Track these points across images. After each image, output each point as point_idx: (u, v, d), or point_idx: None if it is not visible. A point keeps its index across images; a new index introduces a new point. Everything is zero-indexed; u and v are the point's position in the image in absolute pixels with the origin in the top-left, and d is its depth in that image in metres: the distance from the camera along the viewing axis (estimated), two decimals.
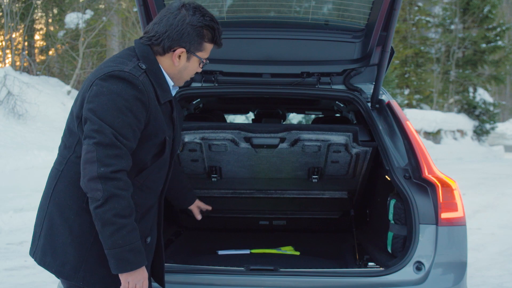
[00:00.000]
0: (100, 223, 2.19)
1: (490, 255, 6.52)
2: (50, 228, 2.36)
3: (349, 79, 3.78)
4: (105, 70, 2.30)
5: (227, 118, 7.38)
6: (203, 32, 2.40)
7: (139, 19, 3.43)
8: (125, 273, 2.24)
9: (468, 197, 10.16)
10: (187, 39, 2.38)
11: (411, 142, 3.27)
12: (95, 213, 2.19)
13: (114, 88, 2.24)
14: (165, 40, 2.38)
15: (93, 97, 2.25)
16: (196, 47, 2.42)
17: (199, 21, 2.38)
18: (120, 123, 2.21)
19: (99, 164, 2.16)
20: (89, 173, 2.17)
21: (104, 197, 2.16)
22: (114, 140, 2.19)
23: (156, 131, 2.38)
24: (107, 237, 2.19)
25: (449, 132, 26.56)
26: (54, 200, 2.38)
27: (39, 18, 20.46)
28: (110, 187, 2.16)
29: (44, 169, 10.38)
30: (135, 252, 2.23)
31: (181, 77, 2.51)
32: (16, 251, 6.28)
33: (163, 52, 2.41)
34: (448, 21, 28.86)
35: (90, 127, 2.21)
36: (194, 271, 2.92)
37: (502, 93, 44.03)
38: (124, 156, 2.22)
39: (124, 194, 2.20)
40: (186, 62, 2.45)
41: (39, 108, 13.93)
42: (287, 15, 3.65)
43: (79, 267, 2.31)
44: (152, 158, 2.43)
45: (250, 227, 4.49)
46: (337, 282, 2.86)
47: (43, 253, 2.37)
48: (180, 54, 2.41)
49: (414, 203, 2.93)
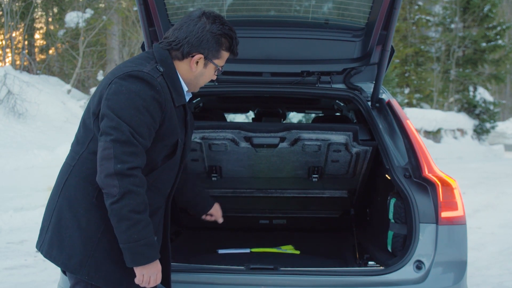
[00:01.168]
0: (116, 219, 2.25)
1: (490, 254, 6.52)
2: (58, 222, 2.39)
3: (349, 78, 3.78)
4: (125, 69, 2.37)
5: (227, 117, 7.38)
6: (222, 40, 2.49)
7: (139, 18, 3.43)
8: (140, 267, 2.30)
9: (468, 196, 10.16)
10: (206, 46, 2.46)
11: (411, 141, 3.27)
12: (111, 208, 2.24)
13: (133, 88, 2.31)
14: (184, 45, 2.46)
15: (112, 95, 2.31)
16: (214, 54, 2.50)
17: (218, 29, 2.46)
18: (137, 122, 2.28)
19: (116, 161, 2.22)
20: (106, 170, 2.23)
21: (120, 193, 2.22)
22: (131, 137, 2.26)
23: (170, 133, 2.44)
24: (123, 232, 2.25)
25: (449, 131, 26.56)
26: (64, 194, 2.41)
27: (39, 17, 20.48)
28: (126, 183, 2.22)
29: (44, 168, 10.41)
30: (149, 246, 2.29)
31: (196, 83, 2.58)
32: (16, 250, 6.29)
33: (181, 57, 2.48)
34: (448, 20, 28.85)
35: (108, 124, 2.27)
36: (195, 270, 2.92)
37: (502, 92, 44.03)
38: (139, 153, 2.29)
39: (140, 191, 2.26)
40: (203, 68, 2.52)
41: (39, 107, 13.94)
42: (287, 14, 3.65)
43: (85, 262, 2.34)
44: (162, 159, 2.48)
45: (250, 226, 4.49)
46: (337, 281, 2.86)
47: (50, 246, 2.40)
48: (198, 60, 2.49)
49: (414, 202, 2.94)
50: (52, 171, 8.11)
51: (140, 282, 2.33)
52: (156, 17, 3.45)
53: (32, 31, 19.64)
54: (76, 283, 2.43)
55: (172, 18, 3.55)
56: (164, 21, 3.51)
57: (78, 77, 17.82)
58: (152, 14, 3.42)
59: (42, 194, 8.57)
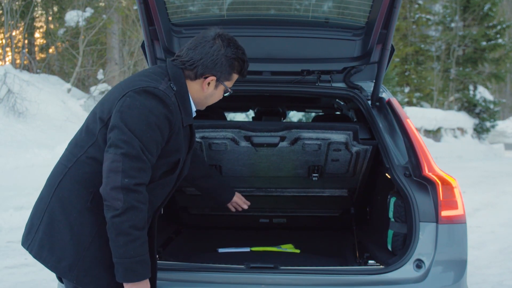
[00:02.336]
0: (115, 232, 2.24)
1: (490, 253, 6.52)
2: (50, 223, 2.38)
3: (349, 77, 3.78)
4: (140, 83, 2.38)
5: (227, 116, 7.38)
6: (235, 64, 2.54)
7: (139, 17, 3.43)
8: (130, 283, 2.29)
9: (468, 195, 10.16)
10: (219, 69, 2.51)
11: (411, 140, 3.26)
12: (112, 221, 2.24)
13: (148, 104, 2.32)
14: (199, 67, 2.49)
15: (126, 107, 2.31)
16: (226, 76, 2.55)
17: (233, 53, 2.51)
18: (148, 138, 2.29)
19: (124, 175, 2.23)
20: (113, 182, 2.23)
21: (123, 208, 2.22)
22: (141, 153, 2.27)
23: (174, 151, 2.46)
24: (120, 247, 2.25)
25: (449, 130, 26.56)
26: (58, 195, 2.40)
27: (39, 16, 20.47)
28: (131, 198, 2.23)
29: (44, 167, 10.38)
30: (143, 264, 2.29)
31: (205, 103, 2.63)
32: (16, 249, 6.29)
33: (194, 78, 2.52)
34: (448, 19, 28.84)
35: (119, 136, 2.27)
36: (195, 269, 2.92)
37: (502, 91, 44.01)
38: (147, 170, 2.30)
39: (142, 207, 2.27)
40: (213, 89, 2.57)
41: (39, 106, 13.92)
42: (287, 13, 3.65)
43: (74, 266, 2.33)
44: (160, 175, 2.48)
45: (251, 225, 4.50)
46: (337, 280, 2.86)
47: (40, 247, 2.38)
48: (210, 81, 2.53)
49: (414, 201, 2.93)
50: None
51: None
52: (156, 16, 3.44)
53: (32, 30, 19.63)
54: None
55: (172, 17, 3.55)
56: (164, 20, 3.51)
57: (78, 76, 17.81)
58: (152, 13, 3.42)
59: None
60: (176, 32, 3.62)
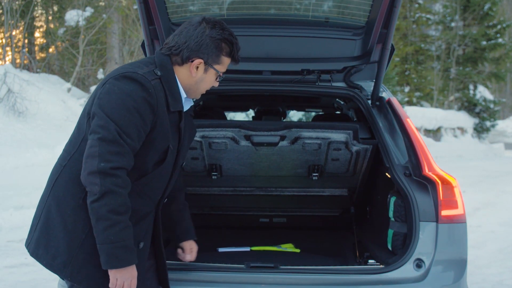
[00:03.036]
0: (95, 218, 2.23)
1: (490, 253, 6.52)
2: (46, 221, 2.39)
3: (350, 76, 3.77)
4: (121, 71, 2.38)
5: (227, 116, 7.38)
6: (222, 45, 2.48)
7: (139, 17, 3.43)
8: (114, 269, 2.27)
9: (468, 195, 10.16)
10: (205, 51, 2.45)
11: (411, 139, 3.26)
12: (91, 207, 2.23)
13: (125, 88, 2.30)
14: (184, 50, 2.45)
15: (104, 94, 2.32)
16: (214, 59, 2.49)
17: (218, 34, 2.45)
18: (126, 122, 2.26)
19: (100, 159, 2.21)
20: (90, 167, 2.22)
21: (100, 192, 2.20)
22: (118, 137, 2.24)
23: (161, 137, 2.42)
24: (100, 232, 2.23)
25: (449, 129, 26.55)
26: (54, 194, 2.41)
27: (39, 15, 20.47)
28: (107, 182, 2.20)
29: (44, 167, 10.38)
30: (126, 250, 2.26)
31: (197, 89, 2.56)
32: (16, 249, 6.29)
33: (181, 62, 2.48)
34: (448, 19, 28.83)
35: (97, 122, 2.27)
36: (195, 269, 2.92)
37: (503, 91, 44.00)
38: (125, 154, 2.26)
39: (121, 192, 2.24)
40: (203, 73, 2.51)
41: (39, 105, 13.93)
42: (288, 12, 3.65)
43: (68, 263, 2.33)
44: (153, 166, 2.46)
45: (251, 225, 4.50)
46: (337, 279, 2.86)
47: (37, 245, 2.40)
48: (198, 65, 2.48)
49: (414, 201, 2.93)
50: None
51: (113, 286, 2.29)
52: (156, 16, 3.44)
53: (32, 29, 19.63)
54: (70, 286, 2.44)
55: (172, 17, 3.55)
56: (164, 20, 3.51)
57: (78, 75, 17.81)
58: (152, 12, 3.42)
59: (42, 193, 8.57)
60: None
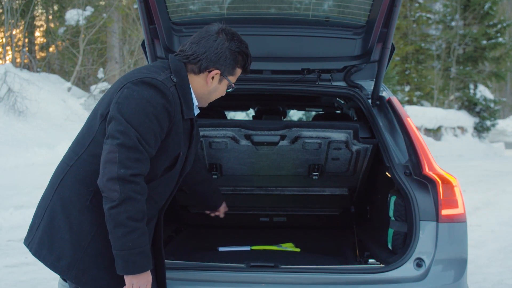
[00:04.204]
0: (113, 224, 2.22)
1: (490, 252, 6.52)
2: (50, 222, 2.38)
3: (350, 75, 3.77)
4: (138, 75, 2.37)
5: (228, 115, 7.37)
6: (238, 58, 2.53)
7: (140, 16, 3.43)
8: (130, 275, 2.27)
9: (469, 194, 10.16)
10: (223, 63, 2.49)
11: (411, 139, 3.26)
12: (109, 213, 2.22)
13: (145, 94, 2.30)
14: (203, 60, 2.47)
15: (123, 99, 2.30)
16: (229, 71, 2.53)
17: (237, 47, 2.50)
18: (145, 129, 2.26)
19: (120, 166, 2.20)
20: (109, 173, 2.20)
21: (120, 199, 2.19)
22: (138, 143, 2.24)
23: (174, 144, 2.43)
24: (118, 238, 2.22)
25: (449, 129, 26.55)
26: (59, 194, 2.39)
27: (39, 14, 20.48)
28: (127, 189, 2.20)
29: (45, 166, 10.40)
30: (143, 256, 2.26)
31: (208, 98, 2.60)
32: (16, 248, 6.29)
33: (198, 72, 2.50)
34: (448, 18, 28.83)
35: (116, 127, 2.25)
36: (195, 268, 2.92)
37: (503, 90, 44.00)
38: (144, 161, 2.27)
39: (140, 198, 2.24)
40: (217, 84, 2.54)
41: (40, 105, 13.93)
42: (288, 11, 3.65)
43: (73, 265, 2.32)
44: (162, 172, 2.47)
45: (251, 224, 4.50)
46: (337, 278, 2.86)
47: (40, 245, 2.38)
48: (214, 75, 2.50)
49: (415, 200, 2.93)
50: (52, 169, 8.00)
51: None
52: (157, 15, 3.44)
53: (32, 28, 19.64)
54: None
55: (172, 16, 3.55)
56: (165, 19, 3.50)
57: (78, 75, 17.81)
58: (153, 11, 3.42)
59: (42, 192, 8.57)
60: (176, 31, 3.61)
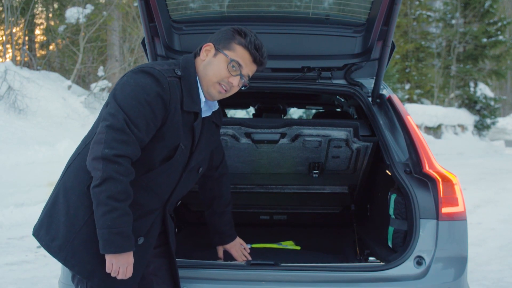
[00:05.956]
0: (95, 202, 2.28)
1: (491, 250, 6.53)
2: (52, 205, 2.46)
3: (350, 73, 3.77)
4: (140, 66, 2.47)
5: (228, 113, 7.38)
6: (234, 34, 2.58)
7: (140, 14, 3.43)
8: (110, 255, 2.31)
9: (469, 192, 10.17)
10: (217, 37, 2.59)
11: (412, 137, 3.26)
12: (92, 191, 2.29)
13: (141, 81, 2.39)
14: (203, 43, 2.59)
15: (121, 85, 2.41)
16: (224, 45, 2.56)
17: (237, 27, 2.60)
18: (136, 113, 2.33)
19: (105, 146, 2.26)
20: (94, 153, 2.28)
21: (102, 178, 2.25)
22: (125, 126, 2.30)
23: (171, 134, 2.46)
24: (99, 217, 2.28)
25: (449, 127, 26.56)
26: (64, 180, 2.48)
27: (39, 12, 20.45)
28: (109, 169, 2.25)
29: (45, 164, 10.40)
30: (122, 236, 2.29)
31: (206, 74, 2.56)
32: (17, 246, 6.30)
33: (199, 52, 2.60)
34: (449, 16, 28.82)
35: (108, 110, 2.36)
36: (195, 266, 2.92)
37: (503, 88, 44.00)
38: (130, 143, 2.31)
39: (122, 179, 2.28)
40: (212, 57, 2.57)
41: (40, 103, 13.91)
42: (288, 9, 3.64)
43: (64, 247, 2.38)
44: (160, 161, 2.49)
45: (251, 222, 4.50)
46: (337, 276, 2.86)
47: (40, 226, 2.46)
48: (209, 49, 2.57)
49: (415, 198, 2.93)
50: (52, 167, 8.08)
51: (109, 270, 2.34)
52: (157, 13, 3.44)
53: (32, 26, 19.61)
54: (77, 283, 2.48)
55: (172, 14, 3.55)
56: (165, 17, 3.50)
57: (78, 73, 17.79)
58: (153, 9, 3.41)
59: (43, 189, 8.58)
60: (176, 29, 3.61)
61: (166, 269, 2.73)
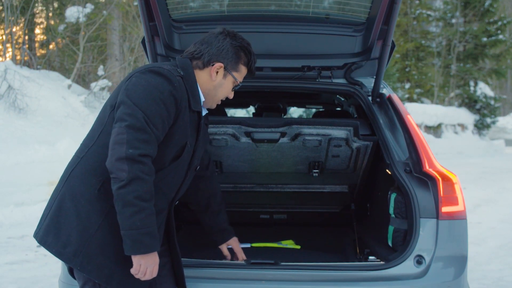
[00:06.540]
0: (121, 204, 2.26)
1: (491, 249, 6.53)
2: (58, 210, 2.41)
3: (350, 73, 3.77)
4: (146, 66, 2.48)
5: (228, 112, 7.37)
6: (240, 54, 2.62)
7: (140, 13, 3.43)
8: (138, 255, 2.30)
9: (469, 191, 10.17)
10: (225, 56, 2.58)
11: (411, 136, 3.26)
12: (117, 193, 2.26)
13: (152, 81, 2.39)
14: (205, 54, 2.58)
15: (132, 85, 2.40)
16: (233, 66, 2.62)
17: (238, 42, 2.61)
18: (153, 111, 2.33)
19: (128, 146, 2.25)
20: (117, 153, 2.26)
21: (128, 178, 2.23)
22: (145, 125, 2.30)
23: (180, 132, 2.48)
24: (126, 218, 2.26)
25: (449, 126, 26.56)
26: (69, 184, 2.43)
27: (39, 12, 20.44)
28: (135, 169, 2.25)
29: (45, 163, 10.40)
30: (151, 236, 2.30)
31: (215, 95, 2.65)
32: (17, 245, 6.30)
33: (202, 66, 2.59)
34: (449, 15, 28.82)
35: (124, 110, 2.33)
36: (195, 265, 2.92)
37: (503, 87, 43.99)
38: (151, 142, 2.32)
39: (148, 179, 2.28)
40: (222, 79, 2.62)
41: (40, 102, 13.91)
42: (288, 8, 3.64)
43: (79, 252, 2.34)
44: (170, 161, 2.51)
45: (251, 221, 4.50)
46: (337, 275, 2.86)
47: (46, 233, 2.40)
48: (218, 69, 2.59)
49: (415, 197, 2.93)
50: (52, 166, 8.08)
51: (137, 272, 2.32)
52: (157, 12, 3.44)
53: (32, 26, 19.60)
54: (84, 283, 2.45)
55: (172, 13, 3.55)
56: (165, 16, 3.50)
57: (78, 72, 17.79)
58: (153, 9, 3.42)
59: (43, 189, 8.59)
60: (176, 28, 3.61)
61: (168, 268, 2.73)
